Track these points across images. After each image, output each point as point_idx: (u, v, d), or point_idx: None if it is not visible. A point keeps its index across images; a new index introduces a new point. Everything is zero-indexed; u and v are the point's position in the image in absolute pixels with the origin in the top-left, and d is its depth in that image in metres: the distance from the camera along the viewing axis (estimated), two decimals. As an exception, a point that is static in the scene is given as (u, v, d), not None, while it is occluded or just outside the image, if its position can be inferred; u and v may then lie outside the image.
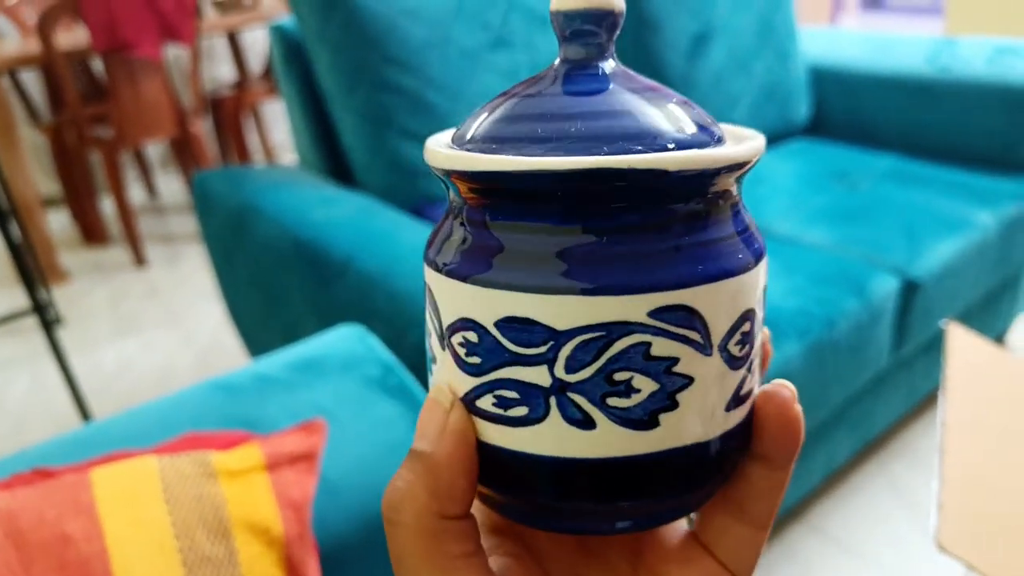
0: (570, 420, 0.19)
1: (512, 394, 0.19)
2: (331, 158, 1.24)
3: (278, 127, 3.26)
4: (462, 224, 0.20)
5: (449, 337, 0.20)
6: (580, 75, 0.21)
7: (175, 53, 2.88)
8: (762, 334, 0.22)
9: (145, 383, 1.76)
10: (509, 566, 0.23)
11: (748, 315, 0.20)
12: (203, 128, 2.45)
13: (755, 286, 0.20)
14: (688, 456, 0.19)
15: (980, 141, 1.42)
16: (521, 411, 0.19)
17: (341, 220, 0.97)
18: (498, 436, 0.20)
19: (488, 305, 0.19)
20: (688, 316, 0.18)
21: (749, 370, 0.21)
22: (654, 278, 0.18)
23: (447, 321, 0.20)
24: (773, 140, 1.60)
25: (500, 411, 0.19)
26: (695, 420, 0.19)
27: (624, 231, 0.18)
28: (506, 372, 0.19)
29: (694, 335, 0.19)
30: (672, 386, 0.19)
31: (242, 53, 2.86)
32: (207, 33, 2.49)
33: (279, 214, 1.03)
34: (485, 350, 0.19)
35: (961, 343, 0.72)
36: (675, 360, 0.18)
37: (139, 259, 2.38)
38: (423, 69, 1.10)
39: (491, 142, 0.20)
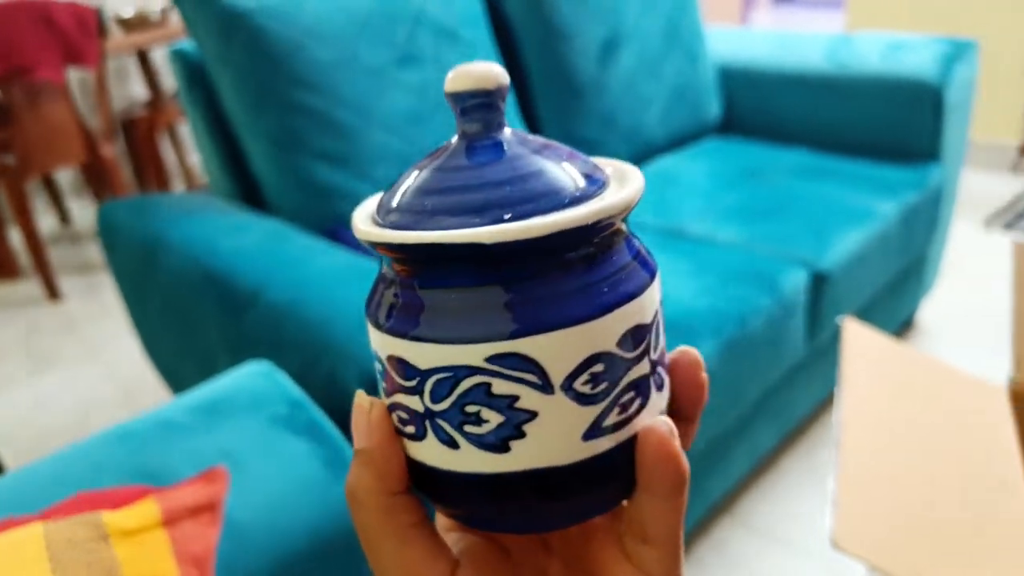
0: (441, 441, 0.23)
1: (404, 415, 0.23)
2: (242, 183, 1.22)
3: (196, 145, 3.17)
4: (386, 284, 0.24)
5: (375, 364, 0.25)
6: (478, 147, 0.24)
7: (84, 74, 2.78)
8: (686, 369, 0.25)
9: (64, 422, 1.69)
10: (473, 544, 0.27)
11: (598, 358, 0.22)
12: (115, 152, 2.37)
13: (604, 333, 0.22)
14: (549, 476, 0.22)
15: (879, 133, 1.48)
16: (411, 429, 0.23)
17: (250, 248, 0.95)
18: (405, 447, 0.24)
19: (382, 345, 0.23)
20: (522, 361, 0.21)
21: (616, 403, 0.23)
22: (489, 331, 0.21)
23: (373, 353, 0.25)
24: (686, 140, 1.63)
25: (401, 427, 0.24)
26: (547, 447, 0.22)
27: (468, 288, 0.22)
28: (399, 398, 0.23)
29: (530, 377, 0.21)
30: (517, 419, 0.22)
31: (154, 72, 2.78)
32: (114, 53, 2.40)
33: (187, 244, 1.00)
34: (386, 379, 0.24)
35: (857, 338, 0.74)
36: (515, 397, 0.21)
37: (52, 292, 2.29)
38: (331, 89, 1.09)
39: (411, 214, 0.23)
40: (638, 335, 0.23)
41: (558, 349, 0.21)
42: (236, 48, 1.05)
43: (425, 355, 0.22)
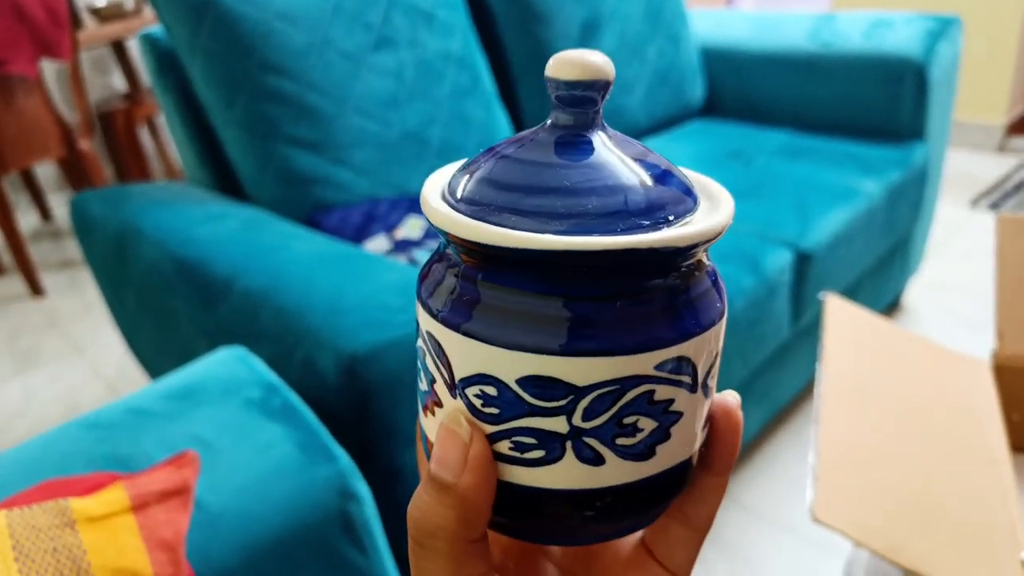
0: (583, 459, 0.21)
1: (530, 440, 0.21)
2: (219, 172, 1.20)
3: (178, 139, 3.13)
4: (471, 282, 0.22)
5: (463, 389, 0.22)
6: (570, 145, 0.22)
7: (61, 67, 2.74)
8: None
9: (52, 420, 1.67)
10: None
11: (719, 353, 0.23)
12: (94, 145, 2.34)
13: (724, 326, 0.23)
14: (673, 474, 0.23)
15: (863, 112, 1.47)
16: (538, 454, 0.22)
17: (225, 236, 0.94)
18: (513, 474, 0.22)
19: (511, 365, 0.21)
20: (684, 364, 0.21)
21: (711, 395, 0.24)
22: (660, 336, 0.21)
23: (462, 374, 0.22)
24: (670, 123, 1.62)
25: (517, 454, 0.22)
26: (682, 445, 0.23)
27: (630, 296, 0.21)
28: (525, 422, 0.21)
29: (686, 378, 0.22)
30: (668, 422, 0.22)
31: (131, 62, 2.74)
32: (88, 44, 2.37)
33: (160, 234, 0.99)
34: (505, 403, 0.21)
35: (839, 313, 0.74)
36: (671, 401, 0.22)
37: (35, 289, 2.26)
38: (303, 74, 1.07)
39: (487, 207, 0.21)
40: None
41: (705, 347, 0.22)
42: (205, 34, 1.03)
43: (587, 370, 0.20)
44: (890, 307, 1.67)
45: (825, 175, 1.32)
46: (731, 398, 0.24)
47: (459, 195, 0.22)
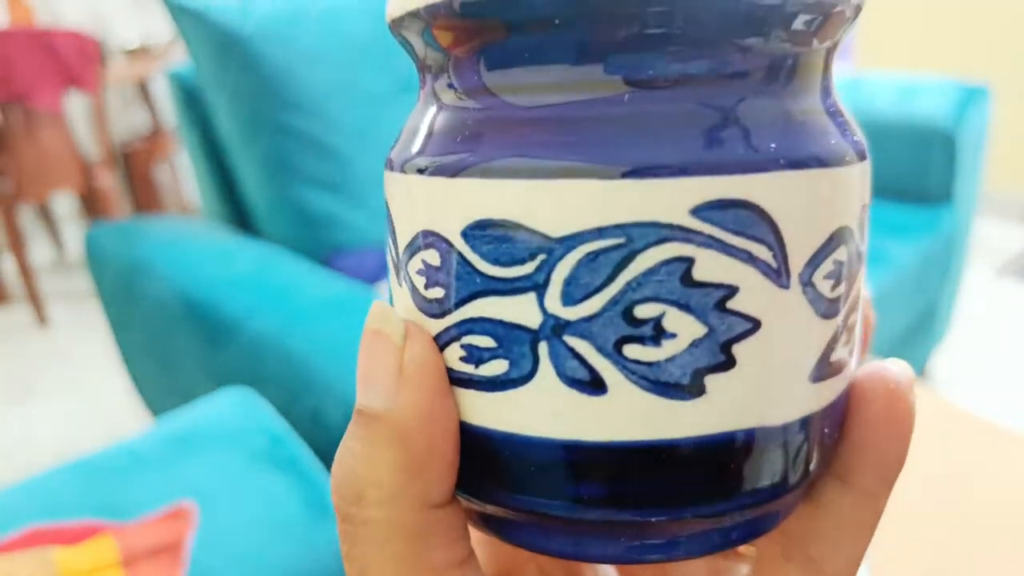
0: (569, 380, 0.12)
1: (486, 341, 0.13)
2: (236, 211, 1.18)
3: (197, 178, 3.15)
4: (433, 98, 0.14)
5: (406, 265, 0.14)
6: None
7: (86, 103, 2.77)
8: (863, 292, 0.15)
9: (49, 453, 1.63)
10: None
11: (844, 235, 0.13)
12: (113, 181, 2.35)
13: (855, 192, 0.13)
14: (752, 447, 0.13)
15: (892, 175, 1.45)
16: (498, 367, 0.13)
17: (237, 276, 0.91)
18: (466, 407, 0.13)
19: (456, 207, 0.12)
20: (753, 218, 0.12)
21: (846, 325, 0.14)
22: (700, 155, 0.11)
23: (404, 241, 0.14)
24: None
25: (470, 368, 0.13)
26: (763, 389, 0.12)
27: (659, 83, 0.12)
28: (478, 307, 0.13)
29: (762, 251, 0.12)
30: (727, 332, 0.12)
31: (154, 102, 2.77)
32: (116, 82, 2.40)
33: (171, 271, 0.96)
34: (450, 276, 0.13)
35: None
36: (732, 290, 0.12)
37: (41, 319, 2.24)
38: (326, 114, 1.06)
39: None
40: (864, 222, 0.14)
41: (804, 205, 0.12)
42: (231, 72, 1.03)
43: (564, 207, 0.12)
44: (916, 377, 1.62)
45: (853, 238, 1.29)
46: (897, 368, 0.15)
47: None
